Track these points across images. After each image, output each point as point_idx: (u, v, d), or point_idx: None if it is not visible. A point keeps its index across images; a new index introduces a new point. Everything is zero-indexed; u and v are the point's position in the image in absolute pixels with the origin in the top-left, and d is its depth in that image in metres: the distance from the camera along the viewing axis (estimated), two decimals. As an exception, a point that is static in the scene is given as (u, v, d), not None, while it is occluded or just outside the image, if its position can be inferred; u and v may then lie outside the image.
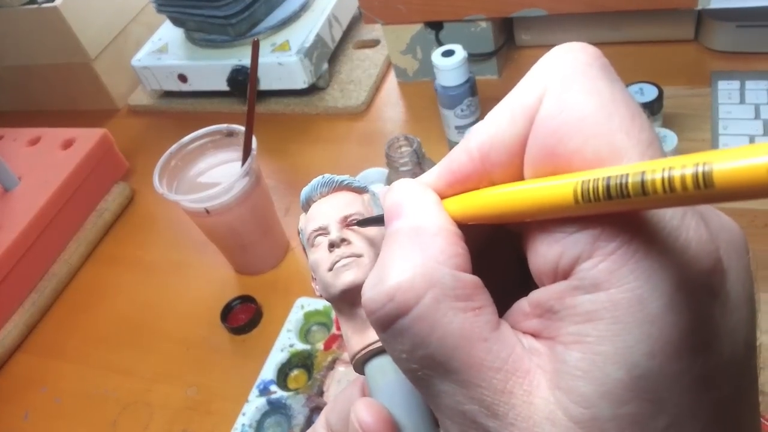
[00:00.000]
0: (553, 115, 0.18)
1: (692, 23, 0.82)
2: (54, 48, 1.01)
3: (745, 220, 0.62)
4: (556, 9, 0.79)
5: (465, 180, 0.20)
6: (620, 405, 0.16)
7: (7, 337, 0.75)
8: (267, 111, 0.96)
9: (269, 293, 0.72)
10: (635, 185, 0.14)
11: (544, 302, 0.18)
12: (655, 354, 0.16)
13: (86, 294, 0.81)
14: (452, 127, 0.77)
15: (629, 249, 0.16)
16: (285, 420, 0.61)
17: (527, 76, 0.19)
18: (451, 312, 0.18)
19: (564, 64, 0.18)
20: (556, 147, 0.17)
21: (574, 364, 0.17)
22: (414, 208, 0.20)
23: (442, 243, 0.19)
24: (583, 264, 0.17)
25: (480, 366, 0.18)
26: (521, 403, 0.17)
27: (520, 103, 0.18)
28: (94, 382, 0.71)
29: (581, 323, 0.17)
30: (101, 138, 0.89)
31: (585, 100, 0.17)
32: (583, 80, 0.18)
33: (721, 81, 0.74)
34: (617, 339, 0.16)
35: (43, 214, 0.80)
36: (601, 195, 0.15)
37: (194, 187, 0.69)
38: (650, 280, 0.16)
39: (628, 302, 0.16)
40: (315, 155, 0.88)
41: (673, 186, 0.13)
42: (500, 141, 0.19)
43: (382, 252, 0.20)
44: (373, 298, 0.19)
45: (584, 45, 0.19)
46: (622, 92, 0.18)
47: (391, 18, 0.86)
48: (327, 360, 0.63)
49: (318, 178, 0.27)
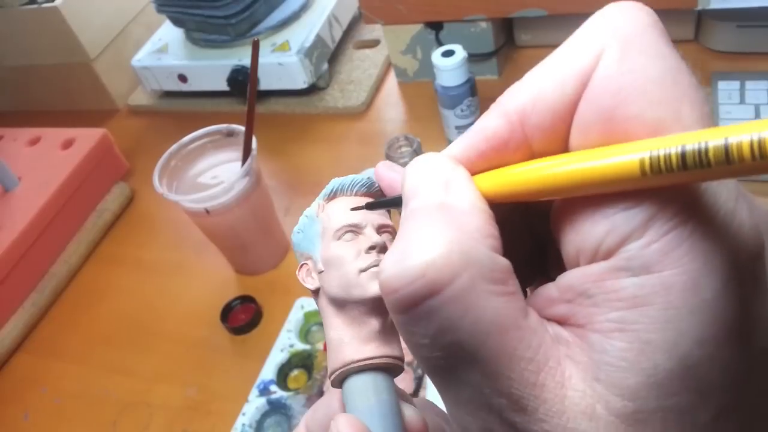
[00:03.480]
0: (613, 76, 0.16)
1: (692, 23, 0.82)
2: (54, 48, 1.01)
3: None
4: (556, 9, 0.79)
5: (501, 148, 0.18)
6: (668, 397, 0.15)
7: (7, 337, 0.75)
8: (267, 111, 0.95)
9: (269, 293, 0.72)
10: (718, 152, 0.13)
11: (578, 285, 0.16)
12: (707, 341, 0.15)
13: (86, 294, 0.81)
14: (452, 127, 0.77)
15: (686, 230, 0.15)
16: (285, 420, 0.61)
17: (576, 35, 0.17)
18: (487, 295, 0.16)
19: (623, 22, 0.17)
20: (615, 111, 0.16)
21: (618, 354, 0.15)
22: (439, 185, 0.18)
23: (477, 221, 0.17)
24: (633, 243, 0.15)
25: (512, 355, 0.16)
26: (553, 397, 0.16)
27: (571, 63, 0.17)
28: (94, 382, 0.71)
29: (625, 309, 0.15)
30: (101, 138, 0.89)
31: (649, 63, 0.16)
32: (647, 42, 0.16)
33: (721, 81, 0.74)
34: (669, 326, 0.15)
35: (43, 214, 0.80)
36: (675, 165, 0.14)
37: (194, 187, 0.69)
38: (707, 264, 0.15)
39: (683, 286, 0.15)
40: (315, 155, 0.88)
41: (763, 151, 0.12)
42: (544, 102, 0.17)
43: (403, 230, 0.18)
44: (398, 275, 0.16)
45: (641, 5, 0.17)
46: (683, 60, 0.16)
47: (391, 18, 0.86)
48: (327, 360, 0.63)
49: (360, 177, 0.25)
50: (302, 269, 0.25)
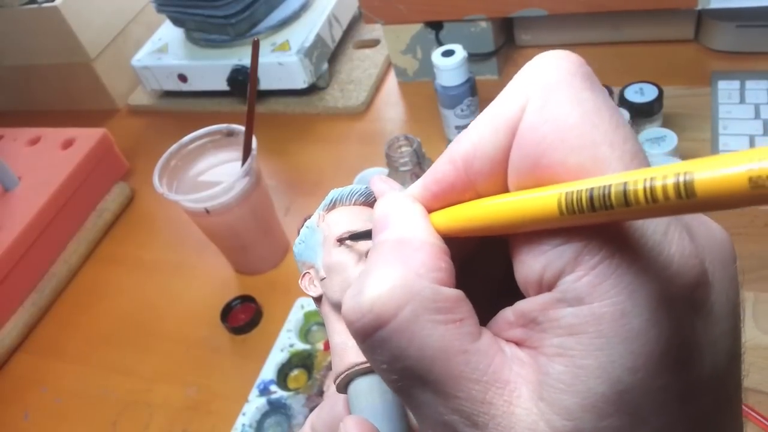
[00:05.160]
0: (535, 126, 0.17)
1: (692, 23, 0.82)
2: (54, 48, 1.01)
3: (746, 219, 0.62)
4: (556, 9, 0.79)
5: (450, 190, 0.20)
6: (602, 418, 0.16)
7: (7, 337, 0.75)
8: (267, 111, 0.95)
9: (269, 293, 0.72)
10: (618, 196, 0.14)
11: (528, 313, 0.18)
12: (637, 369, 0.16)
13: (86, 294, 0.81)
14: (452, 127, 0.77)
15: (612, 263, 0.16)
16: (285, 420, 0.61)
17: (509, 85, 0.19)
18: (430, 325, 0.18)
19: (546, 72, 0.18)
20: (539, 159, 0.17)
21: (557, 377, 0.17)
22: (399, 221, 0.20)
23: (424, 257, 0.19)
24: (567, 277, 0.17)
25: (459, 377, 0.17)
26: (501, 414, 0.17)
27: (502, 114, 0.18)
28: (94, 382, 0.71)
29: (564, 336, 0.17)
30: (101, 138, 0.89)
31: (568, 110, 0.17)
32: (566, 90, 0.17)
33: (721, 81, 0.74)
34: (600, 353, 0.16)
35: (43, 214, 0.80)
36: (585, 206, 0.15)
37: (194, 187, 0.69)
38: (632, 296, 0.16)
39: (611, 316, 0.16)
40: (315, 155, 0.88)
41: (655, 196, 0.13)
42: (483, 151, 0.19)
43: (367, 263, 0.20)
44: (353, 308, 0.18)
45: (567, 53, 0.18)
46: (606, 102, 0.17)
47: (391, 18, 0.86)
48: (327, 360, 0.63)
49: (359, 187, 0.26)
50: (305, 278, 0.26)
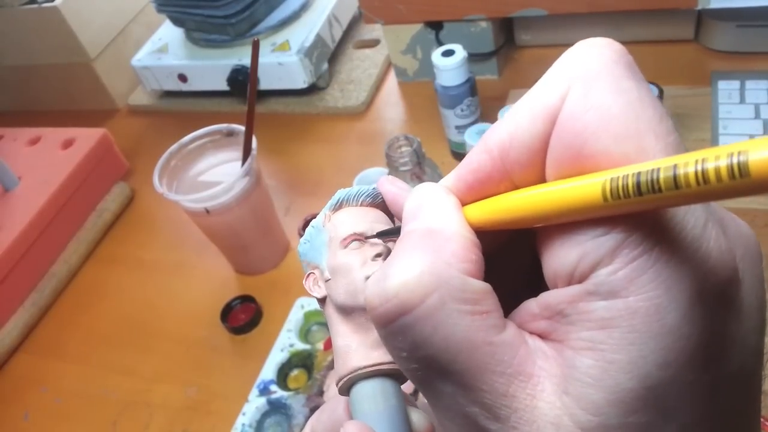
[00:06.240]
0: (577, 115, 0.17)
1: (692, 23, 0.82)
2: (54, 48, 1.01)
3: (746, 219, 0.62)
4: (556, 9, 0.79)
5: (485, 180, 0.19)
6: (629, 414, 0.16)
7: (7, 337, 0.75)
8: (267, 111, 0.95)
9: (269, 293, 0.72)
10: (667, 179, 0.14)
11: (555, 305, 0.17)
12: (668, 365, 0.16)
13: (86, 294, 0.81)
14: (452, 127, 0.77)
15: (651, 257, 0.16)
16: (285, 420, 0.61)
17: (548, 73, 0.18)
18: (457, 314, 0.17)
19: (588, 60, 0.17)
20: (581, 148, 0.17)
21: (585, 371, 0.16)
22: (431, 212, 0.20)
23: (455, 246, 0.18)
24: (602, 269, 0.16)
25: (483, 369, 0.17)
26: (524, 407, 0.17)
27: (540, 102, 0.18)
28: (94, 382, 0.71)
29: (595, 330, 0.16)
30: (101, 138, 0.89)
31: (611, 99, 0.16)
32: (609, 78, 0.17)
33: (721, 81, 0.74)
34: (632, 348, 0.16)
35: (43, 214, 0.80)
36: (631, 191, 0.14)
37: (194, 187, 0.69)
38: (670, 291, 0.16)
39: (646, 311, 0.16)
40: (315, 155, 0.88)
41: (707, 177, 0.13)
42: (520, 140, 0.18)
43: (394, 250, 0.19)
44: (377, 293, 0.18)
45: (609, 41, 0.18)
46: (648, 92, 0.17)
47: (391, 18, 0.86)
48: (327, 360, 0.63)
49: (366, 188, 0.26)
50: (309, 278, 0.26)
